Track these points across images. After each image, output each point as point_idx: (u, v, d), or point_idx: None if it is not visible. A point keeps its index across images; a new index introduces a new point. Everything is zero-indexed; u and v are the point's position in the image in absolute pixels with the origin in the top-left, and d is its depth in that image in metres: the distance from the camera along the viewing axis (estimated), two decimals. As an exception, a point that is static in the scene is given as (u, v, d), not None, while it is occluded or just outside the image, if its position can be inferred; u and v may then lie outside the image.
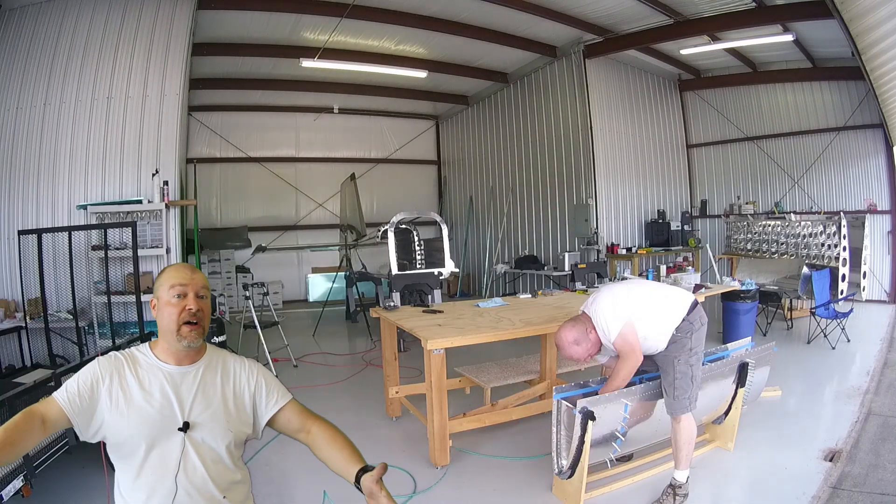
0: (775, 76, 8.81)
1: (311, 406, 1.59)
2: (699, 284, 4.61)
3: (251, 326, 5.57)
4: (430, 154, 12.52)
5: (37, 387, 2.70)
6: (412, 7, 6.82)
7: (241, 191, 10.65)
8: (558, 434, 2.69)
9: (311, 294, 9.93)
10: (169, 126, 5.31)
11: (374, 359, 5.74)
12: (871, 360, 5.07)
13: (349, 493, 3.05)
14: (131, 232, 4.43)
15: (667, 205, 9.55)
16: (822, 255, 6.67)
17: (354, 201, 8.08)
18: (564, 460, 2.68)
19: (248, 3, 6.38)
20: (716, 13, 6.71)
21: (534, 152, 9.38)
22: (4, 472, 2.31)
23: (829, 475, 2.93)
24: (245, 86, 9.23)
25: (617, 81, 8.86)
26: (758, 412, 3.91)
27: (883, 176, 7.83)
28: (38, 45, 5.15)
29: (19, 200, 5.05)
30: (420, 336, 3.23)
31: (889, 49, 5.16)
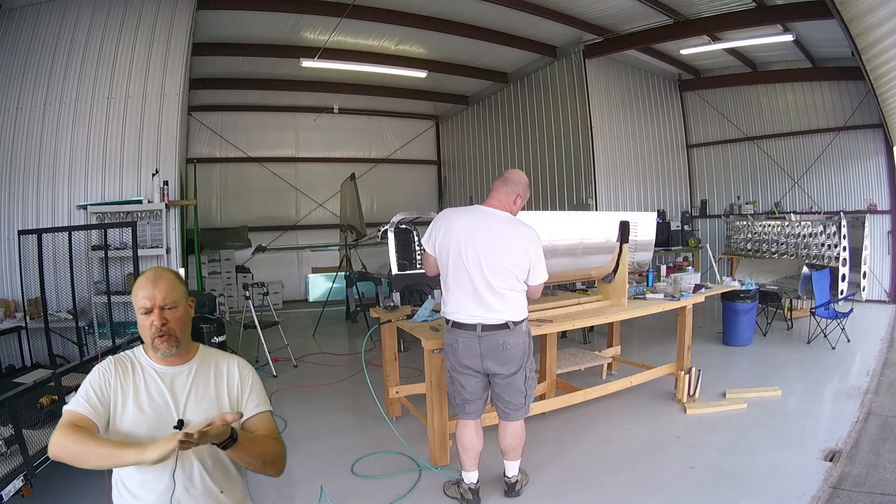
0: (775, 76, 8.81)
1: (312, 406, 1.60)
2: (699, 284, 4.59)
3: (251, 326, 5.57)
4: (430, 154, 12.52)
5: (37, 387, 2.71)
6: (412, 7, 6.82)
7: (241, 191, 10.65)
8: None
9: (311, 294, 9.92)
10: (169, 126, 5.31)
11: (373, 359, 5.74)
12: (871, 360, 5.07)
13: (345, 489, 3.08)
14: (131, 232, 4.44)
15: (667, 205, 9.56)
16: (822, 255, 6.66)
17: (354, 201, 8.08)
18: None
19: (248, 3, 6.38)
20: (716, 13, 6.71)
21: (534, 152, 9.38)
22: (4, 472, 2.31)
23: (829, 475, 2.93)
24: (245, 86, 9.23)
25: (617, 81, 8.86)
26: (758, 412, 3.92)
27: (883, 176, 7.84)
28: (38, 45, 5.15)
29: (19, 200, 5.04)
30: (420, 336, 3.23)
31: (889, 49, 5.16)
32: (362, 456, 3.40)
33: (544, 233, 2.87)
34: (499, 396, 2.79)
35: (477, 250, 2.58)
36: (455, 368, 2.76)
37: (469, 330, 2.66)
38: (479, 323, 2.64)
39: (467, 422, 2.81)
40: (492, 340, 2.65)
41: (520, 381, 2.74)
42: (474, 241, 2.60)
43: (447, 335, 2.77)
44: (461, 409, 2.80)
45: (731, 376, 4.80)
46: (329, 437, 3.74)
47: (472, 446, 2.81)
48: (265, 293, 6.27)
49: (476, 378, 2.75)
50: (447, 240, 2.65)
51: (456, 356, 2.72)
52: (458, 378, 2.76)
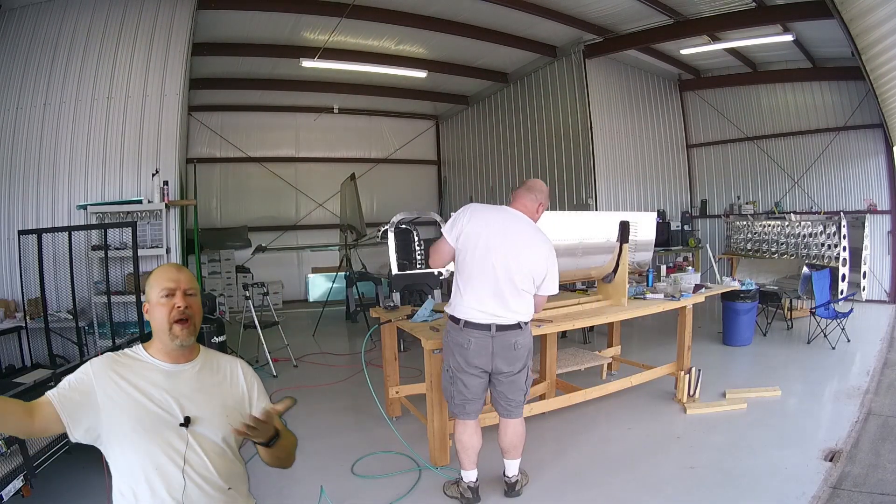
0: (775, 76, 8.81)
1: (311, 406, 1.61)
2: (699, 284, 4.59)
3: (251, 326, 5.57)
4: (430, 154, 12.52)
5: (37, 387, 2.71)
6: (412, 7, 6.82)
7: (241, 191, 10.65)
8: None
9: (311, 294, 9.91)
10: (169, 126, 5.30)
11: (373, 359, 5.74)
12: (871, 360, 5.07)
13: (345, 489, 3.07)
14: (131, 232, 4.43)
15: (667, 205, 9.56)
16: (822, 255, 6.66)
17: (354, 201, 8.08)
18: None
19: (248, 3, 6.38)
20: (716, 13, 6.71)
21: (534, 152, 9.38)
22: (4, 472, 2.31)
23: (829, 475, 2.93)
24: (245, 86, 9.22)
25: (617, 81, 8.86)
26: (758, 412, 3.92)
27: (883, 176, 7.84)
28: (38, 45, 5.14)
29: (19, 200, 5.04)
30: (420, 336, 3.23)
31: (889, 49, 5.16)
32: (362, 456, 3.40)
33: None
34: (502, 395, 2.79)
35: (506, 246, 2.64)
36: (461, 368, 2.73)
37: (483, 330, 2.67)
38: (493, 323, 2.66)
39: (466, 421, 2.81)
40: (504, 340, 2.68)
41: (521, 379, 2.79)
42: (505, 237, 2.65)
43: (456, 334, 2.72)
44: (461, 410, 2.80)
45: (731, 376, 4.80)
46: (329, 437, 3.73)
47: (471, 445, 2.81)
48: (265, 293, 6.27)
49: (481, 378, 2.75)
50: (475, 231, 2.66)
51: (465, 356, 2.70)
52: (462, 378, 2.74)
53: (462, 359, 2.71)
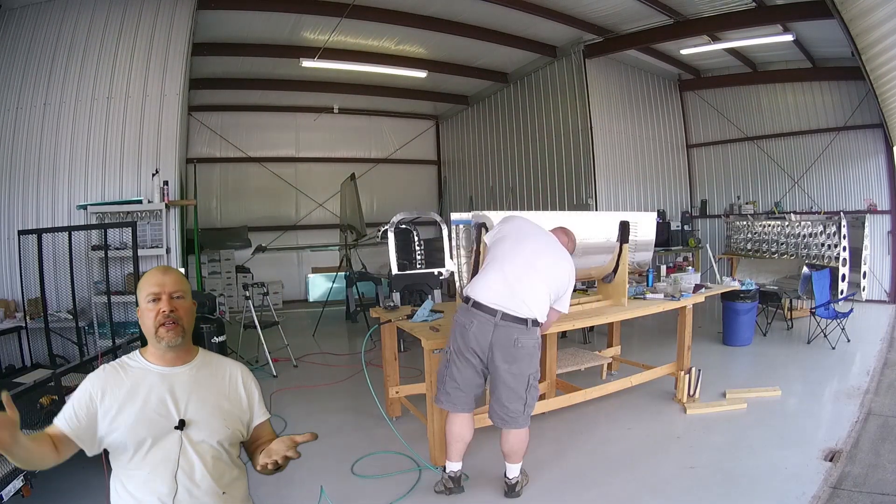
0: (775, 76, 8.81)
1: (312, 406, 1.61)
2: (699, 284, 4.59)
3: (251, 326, 5.57)
4: (430, 154, 12.52)
5: (37, 387, 2.71)
6: (412, 7, 6.82)
7: (241, 191, 10.64)
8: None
9: (311, 294, 9.92)
10: (169, 126, 5.30)
11: (373, 359, 5.74)
12: (871, 360, 5.07)
13: (345, 489, 3.07)
14: (131, 232, 4.43)
15: (667, 205, 9.56)
16: (822, 255, 6.66)
17: (354, 201, 8.08)
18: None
19: (248, 3, 6.37)
20: (716, 13, 6.71)
21: (534, 152, 9.38)
22: (4, 472, 2.31)
23: (829, 475, 2.93)
24: (245, 86, 9.22)
25: (617, 81, 8.85)
26: (758, 412, 3.92)
27: (883, 176, 7.84)
28: (38, 45, 5.14)
29: (19, 200, 5.04)
30: (420, 336, 3.23)
31: (889, 49, 5.16)
32: (362, 456, 3.40)
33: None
34: (497, 399, 2.77)
35: (540, 244, 2.88)
36: (460, 351, 2.74)
37: (488, 313, 2.68)
38: (500, 310, 2.67)
39: (458, 413, 2.81)
40: (506, 333, 2.68)
41: (521, 387, 2.74)
42: (541, 240, 2.92)
43: (462, 315, 2.76)
44: (446, 397, 2.79)
45: (731, 376, 4.80)
46: (329, 437, 3.72)
47: (460, 437, 2.82)
48: (265, 293, 6.27)
49: (474, 369, 2.75)
50: (516, 226, 2.96)
51: (465, 337, 2.71)
52: (457, 363, 2.75)
53: (461, 339, 2.73)
